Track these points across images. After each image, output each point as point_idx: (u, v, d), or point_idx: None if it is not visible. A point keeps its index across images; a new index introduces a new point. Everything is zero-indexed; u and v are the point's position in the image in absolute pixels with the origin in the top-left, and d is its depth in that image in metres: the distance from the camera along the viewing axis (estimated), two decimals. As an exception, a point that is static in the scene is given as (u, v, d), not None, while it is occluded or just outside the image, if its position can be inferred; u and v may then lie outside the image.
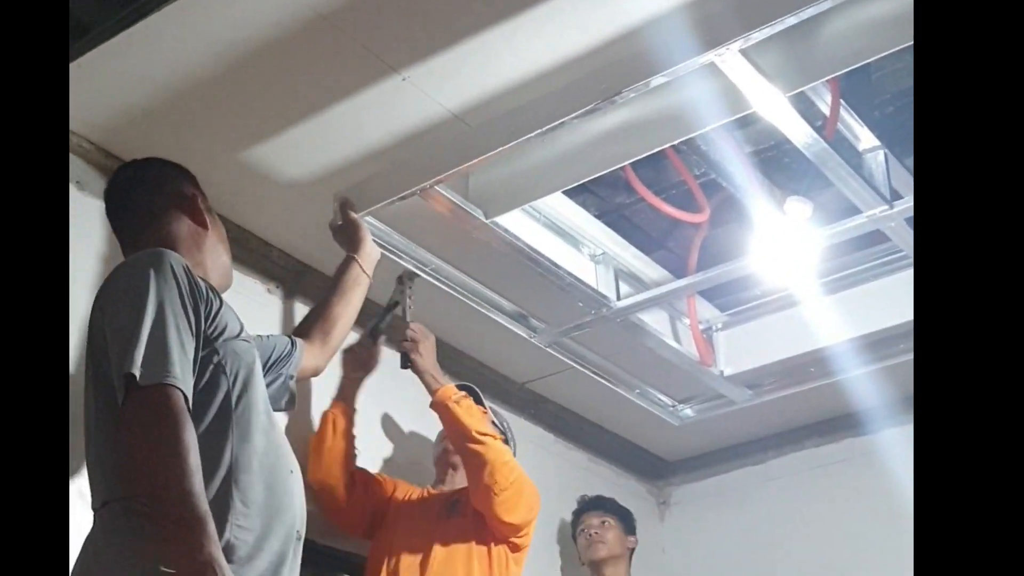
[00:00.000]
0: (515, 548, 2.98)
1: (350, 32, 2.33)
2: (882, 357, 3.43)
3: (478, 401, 3.11)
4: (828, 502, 4.04)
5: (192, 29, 2.32)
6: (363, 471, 3.04)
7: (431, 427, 3.30)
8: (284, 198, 2.84)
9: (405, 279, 3.02)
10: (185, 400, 1.80)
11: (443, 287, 3.13)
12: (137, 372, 1.77)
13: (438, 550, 2.89)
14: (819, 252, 3.06)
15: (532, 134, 2.53)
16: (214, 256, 2.19)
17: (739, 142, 2.89)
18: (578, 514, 3.82)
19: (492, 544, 2.94)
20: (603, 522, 3.76)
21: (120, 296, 1.90)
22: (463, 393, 2.94)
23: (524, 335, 3.37)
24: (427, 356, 2.95)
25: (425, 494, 3.10)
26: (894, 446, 3.82)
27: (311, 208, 2.84)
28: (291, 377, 2.37)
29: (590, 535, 3.73)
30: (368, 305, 2.79)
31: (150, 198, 2.16)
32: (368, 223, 2.83)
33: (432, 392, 2.92)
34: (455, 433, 2.91)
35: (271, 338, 2.39)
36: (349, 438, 2.99)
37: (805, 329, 3.43)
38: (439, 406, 2.91)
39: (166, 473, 1.72)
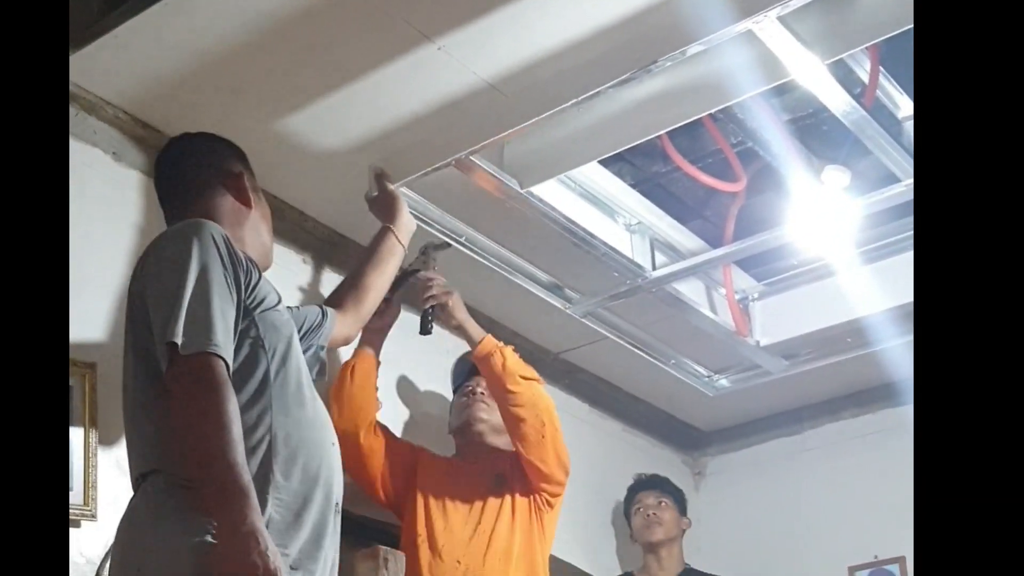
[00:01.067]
0: (550, 507, 3.00)
1: (384, 0, 2.32)
2: (921, 327, 3.40)
3: None
4: (865, 473, 4.02)
5: (226, -1, 2.31)
6: (387, 430, 3.00)
7: (446, 387, 3.29)
8: (319, 168, 2.83)
9: (430, 250, 3.00)
10: (227, 368, 1.81)
11: (478, 258, 3.12)
12: (179, 340, 1.78)
13: (494, 527, 2.88)
14: (857, 221, 3.02)
15: (568, 104, 2.52)
16: (254, 234, 2.19)
17: (776, 110, 2.86)
18: (634, 491, 3.81)
19: (537, 510, 2.95)
20: (660, 502, 3.75)
21: (161, 264, 1.91)
22: (501, 343, 2.94)
23: (559, 305, 3.36)
24: (459, 308, 2.96)
25: (456, 465, 3.06)
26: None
27: (346, 178, 2.84)
28: (321, 347, 2.37)
29: (647, 515, 3.72)
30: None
31: (197, 173, 2.17)
32: (403, 194, 2.83)
33: (474, 343, 2.92)
34: (501, 381, 2.90)
35: (302, 309, 2.40)
36: (370, 388, 2.94)
37: (842, 299, 3.40)
38: (483, 358, 2.90)
39: (209, 444, 1.73)
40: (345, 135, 2.73)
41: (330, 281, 3.17)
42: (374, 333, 2.97)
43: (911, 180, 2.76)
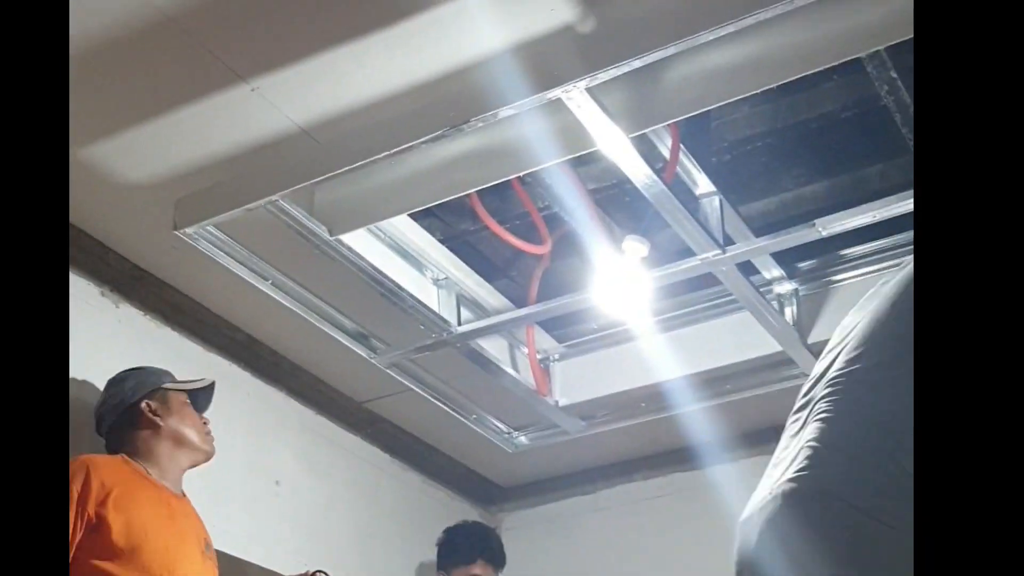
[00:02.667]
0: None
1: (198, 37, 2.31)
2: (710, 396, 3.54)
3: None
4: (655, 534, 4.13)
5: (34, 22, 2.26)
6: None
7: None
8: (122, 200, 2.78)
9: None
10: None
11: (284, 302, 3.10)
12: None
13: None
14: (654, 290, 3.13)
15: (380, 155, 2.54)
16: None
17: (582, 179, 2.95)
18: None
19: None
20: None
21: None
22: None
23: (364, 355, 3.36)
24: None
25: (156, 487, 2.76)
26: (719, 481, 3.95)
27: (151, 212, 2.80)
28: None
29: None
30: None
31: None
32: (210, 233, 2.80)
33: None
34: None
35: None
36: None
37: (639, 364, 3.51)
38: None
39: None
40: (152, 168, 2.70)
41: (128, 316, 3.11)
42: None
43: (705, 255, 2.88)
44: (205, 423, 2.90)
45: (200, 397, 2.93)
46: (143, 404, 2.78)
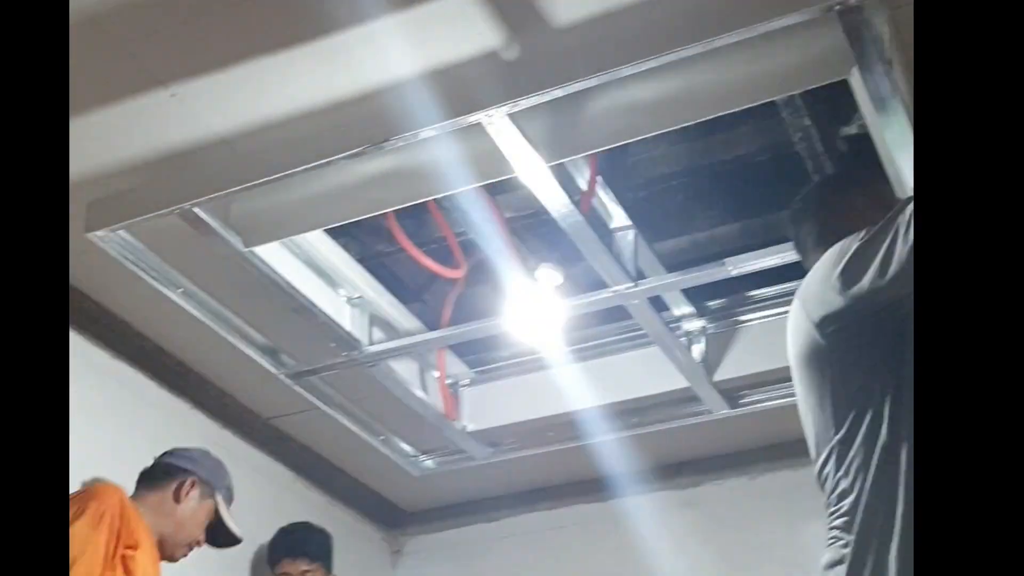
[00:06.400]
0: None
1: (117, 37, 2.29)
2: (617, 428, 3.56)
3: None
4: (557, 564, 4.14)
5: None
6: None
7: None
8: (33, 200, 2.73)
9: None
10: None
11: (194, 312, 3.07)
12: None
13: None
14: (566, 321, 3.15)
15: (299, 169, 2.53)
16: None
17: (500, 206, 2.96)
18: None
19: None
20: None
21: None
22: None
23: (271, 369, 3.33)
24: None
25: None
26: (624, 514, 3.98)
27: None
28: None
29: None
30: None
31: None
32: (120, 237, 2.77)
33: None
34: None
35: None
36: None
37: (548, 393, 3.52)
38: None
39: None
40: (65, 169, 2.65)
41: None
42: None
43: (618, 287, 2.91)
44: (199, 545, 3.00)
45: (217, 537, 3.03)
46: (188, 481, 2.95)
